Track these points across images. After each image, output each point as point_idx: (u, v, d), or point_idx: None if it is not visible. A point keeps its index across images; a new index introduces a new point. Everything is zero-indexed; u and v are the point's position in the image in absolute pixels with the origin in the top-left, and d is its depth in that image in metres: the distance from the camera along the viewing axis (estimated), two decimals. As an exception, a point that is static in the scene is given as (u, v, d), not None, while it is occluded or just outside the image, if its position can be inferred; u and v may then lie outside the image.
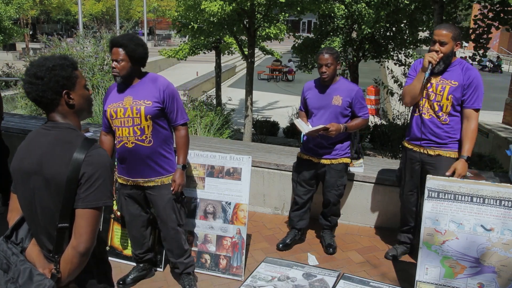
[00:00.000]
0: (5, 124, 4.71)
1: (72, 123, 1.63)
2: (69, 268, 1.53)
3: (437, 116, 2.99)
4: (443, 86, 2.94)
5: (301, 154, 3.52)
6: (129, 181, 2.82)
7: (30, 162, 1.57)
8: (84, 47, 8.58)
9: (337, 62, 3.25)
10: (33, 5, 28.25)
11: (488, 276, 2.70)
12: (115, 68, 2.63)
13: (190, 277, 3.01)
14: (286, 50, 21.85)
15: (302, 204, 3.52)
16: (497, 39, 31.75)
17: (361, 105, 3.30)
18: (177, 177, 2.79)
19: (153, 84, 2.71)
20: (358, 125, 3.33)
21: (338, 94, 3.26)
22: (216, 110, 8.74)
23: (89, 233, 1.52)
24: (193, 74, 20.98)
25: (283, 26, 10.00)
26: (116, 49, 2.62)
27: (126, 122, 2.67)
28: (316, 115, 3.33)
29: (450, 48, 2.86)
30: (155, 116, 2.68)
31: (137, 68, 2.71)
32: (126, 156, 2.75)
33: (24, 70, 1.64)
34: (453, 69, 2.95)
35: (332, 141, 3.32)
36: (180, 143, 2.81)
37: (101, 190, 1.53)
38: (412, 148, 3.16)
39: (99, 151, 1.57)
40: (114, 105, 2.72)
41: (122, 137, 2.70)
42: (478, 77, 2.90)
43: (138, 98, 2.67)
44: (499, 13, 6.94)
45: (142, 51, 2.66)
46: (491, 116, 10.86)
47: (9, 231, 1.64)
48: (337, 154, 3.36)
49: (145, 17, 28.03)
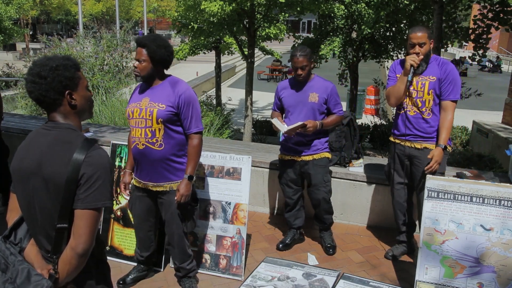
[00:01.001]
0: (5, 124, 4.72)
1: (73, 123, 1.62)
2: (68, 269, 1.53)
3: (421, 112, 3.13)
4: (423, 82, 3.09)
5: (282, 156, 3.53)
6: (141, 183, 2.81)
7: (30, 162, 1.57)
8: (84, 47, 8.59)
9: (310, 60, 3.29)
10: (33, 5, 28.24)
11: (487, 275, 2.70)
12: (136, 67, 2.63)
13: (191, 280, 3.01)
14: (286, 50, 21.84)
15: (293, 204, 3.54)
16: (497, 39, 31.77)
17: (335, 102, 3.35)
18: (182, 187, 2.68)
19: (172, 88, 2.66)
20: (333, 122, 3.39)
21: (314, 92, 3.30)
22: (216, 110, 8.75)
23: (88, 234, 1.52)
24: (193, 74, 20.96)
25: (283, 26, 10.00)
26: (140, 49, 2.60)
27: (139, 123, 2.65)
28: (293, 113, 3.36)
29: (428, 48, 3.06)
30: (168, 120, 2.62)
31: (159, 69, 2.67)
32: (138, 158, 2.74)
33: (27, 69, 1.63)
34: (430, 66, 3.12)
35: (311, 138, 3.36)
36: (190, 152, 2.71)
37: (100, 191, 1.52)
38: (400, 142, 3.26)
39: (99, 152, 1.57)
40: (133, 105, 2.71)
41: (135, 137, 2.69)
42: (454, 70, 3.07)
43: (154, 100, 2.64)
44: (498, 13, 6.94)
45: (164, 53, 2.61)
46: (491, 116, 10.88)
47: (8, 231, 1.64)
48: (318, 149, 3.39)
49: (145, 17, 28.00)
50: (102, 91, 7.21)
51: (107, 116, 6.52)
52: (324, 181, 3.40)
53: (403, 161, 3.26)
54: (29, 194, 1.59)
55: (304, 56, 3.24)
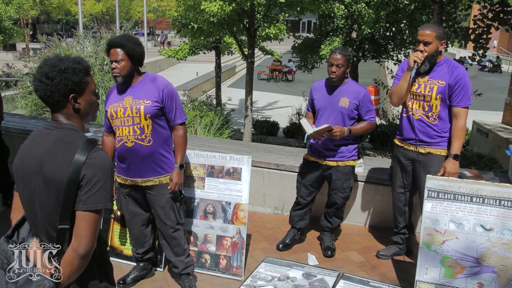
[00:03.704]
0: (5, 124, 4.72)
1: (75, 124, 1.63)
2: (70, 270, 1.53)
3: (427, 116, 3.02)
4: (431, 86, 2.97)
5: (307, 156, 3.49)
6: (128, 181, 2.84)
7: (31, 161, 1.58)
8: (84, 47, 8.59)
9: (348, 64, 3.22)
10: (33, 5, 28.25)
11: (487, 276, 2.70)
12: (115, 68, 2.65)
13: (190, 278, 3.02)
14: (286, 50, 21.87)
15: (305, 205, 3.53)
16: (497, 39, 31.76)
17: (368, 109, 3.26)
18: (174, 176, 2.80)
19: (152, 83, 2.73)
20: (363, 129, 3.30)
21: (345, 96, 3.23)
22: (216, 110, 8.74)
23: (89, 235, 1.52)
24: (193, 74, 20.97)
25: (283, 26, 10.01)
26: (114, 49, 2.64)
27: (126, 122, 2.69)
28: (322, 116, 3.30)
29: (434, 48, 2.91)
30: (155, 115, 2.69)
31: (136, 67, 2.73)
32: (125, 156, 2.76)
33: (37, 66, 1.62)
34: (439, 69, 2.98)
35: (338, 143, 3.29)
36: (178, 143, 2.82)
37: (101, 193, 1.53)
38: (403, 146, 3.19)
39: (101, 153, 1.57)
40: (114, 105, 2.74)
41: (122, 136, 2.72)
42: (465, 75, 2.93)
43: (138, 97, 2.69)
44: (498, 13, 6.94)
45: (140, 50, 2.69)
46: (491, 116, 10.88)
47: (11, 230, 1.64)
48: (344, 157, 3.32)
49: (145, 17, 28.02)
50: (102, 91, 7.21)
51: (107, 116, 6.51)
52: (343, 187, 3.36)
53: (405, 166, 3.20)
54: (30, 193, 1.59)
55: (343, 55, 3.17)
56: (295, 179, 3.65)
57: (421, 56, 2.92)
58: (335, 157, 3.32)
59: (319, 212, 3.73)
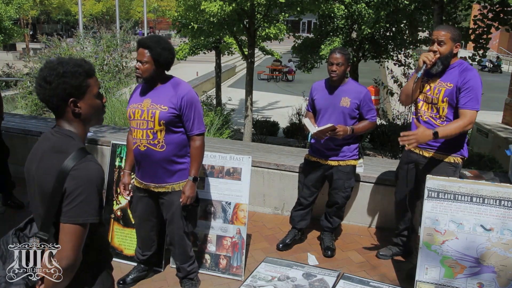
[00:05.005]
0: (5, 124, 4.72)
1: (75, 130, 1.58)
2: (52, 283, 1.48)
3: (434, 118, 2.98)
4: (440, 88, 2.92)
5: (309, 156, 3.49)
6: (142, 184, 2.80)
7: (31, 165, 1.58)
8: (84, 47, 8.59)
9: (348, 63, 3.22)
10: (33, 5, 28.25)
11: (487, 276, 2.70)
12: (138, 69, 2.59)
13: (192, 282, 3.01)
14: (286, 50, 21.84)
15: (306, 206, 3.53)
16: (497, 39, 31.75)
17: (369, 108, 3.27)
18: (187, 189, 2.69)
19: (174, 89, 2.63)
20: (365, 128, 3.31)
21: (346, 96, 3.23)
22: (216, 110, 8.75)
23: (69, 249, 1.46)
24: (193, 74, 20.96)
25: (283, 26, 10.00)
26: (142, 49, 2.56)
27: (141, 125, 2.63)
28: (323, 116, 3.30)
29: (448, 49, 2.84)
30: (170, 122, 2.60)
31: (161, 71, 2.64)
32: (139, 159, 2.73)
33: (39, 68, 1.60)
34: (451, 71, 2.92)
35: (339, 143, 3.29)
36: (193, 154, 2.70)
37: (81, 207, 1.46)
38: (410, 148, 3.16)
39: (88, 164, 1.50)
40: (134, 106, 2.68)
41: (136, 139, 2.67)
42: (475, 78, 2.82)
43: (156, 102, 2.61)
44: (498, 13, 6.94)
45: (168, 55, 2.59)
46: (491, 116, 10.87)
47: (23, 223, 1.63)
48: (345, 156, 3.33)
49: (145, 17, 27.99)
50: (102, 91, 7.21)
51: (107, 116, 6.52)
52: (344, 187, 3.37)
53: (409, 168, 3.17)
54: (31, 195, 1.60)
55: (343, 54, 3.19)
56: (295, 179, 3.65)
57: (431, 57, 2.85)
58: (337, 157, 3.32)
59: (319, 212, 3.73)
